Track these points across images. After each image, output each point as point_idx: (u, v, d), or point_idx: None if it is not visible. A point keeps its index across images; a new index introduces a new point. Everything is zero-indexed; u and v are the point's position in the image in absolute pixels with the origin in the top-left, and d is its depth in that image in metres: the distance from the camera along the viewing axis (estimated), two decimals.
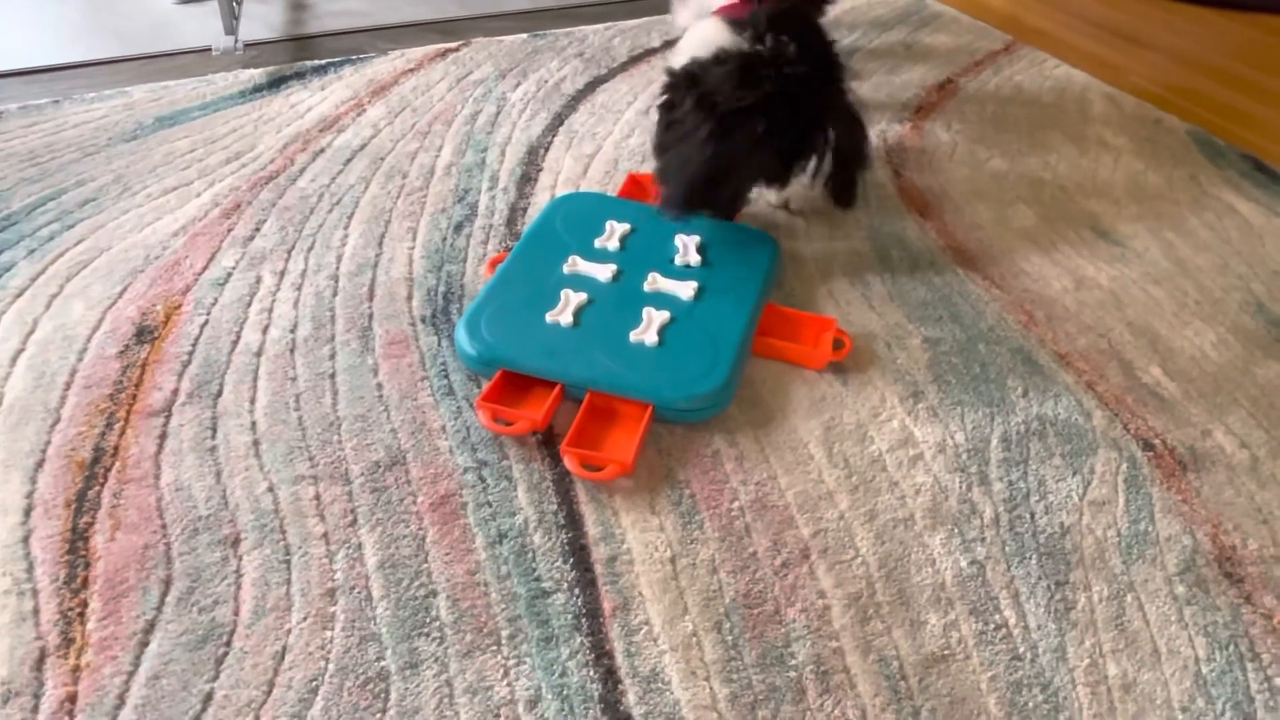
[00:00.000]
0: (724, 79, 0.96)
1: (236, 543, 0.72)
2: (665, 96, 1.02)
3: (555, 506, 0.77)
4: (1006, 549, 0.76)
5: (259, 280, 0.98)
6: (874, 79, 1.48)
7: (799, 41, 0.97)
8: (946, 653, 0.68)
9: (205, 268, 0.99)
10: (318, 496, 0.76)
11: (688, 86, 0.98)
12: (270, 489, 0.76)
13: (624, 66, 1.48)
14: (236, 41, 1.46)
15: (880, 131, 1.34)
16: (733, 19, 1.02)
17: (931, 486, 0.80)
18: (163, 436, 0.80)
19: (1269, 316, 1.03)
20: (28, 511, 0.73)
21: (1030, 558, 0.75)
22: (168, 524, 0.73)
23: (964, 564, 0.74)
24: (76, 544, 0.71)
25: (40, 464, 0.77)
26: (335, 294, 0.97)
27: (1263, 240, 1.15)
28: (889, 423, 0.86)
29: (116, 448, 0.79)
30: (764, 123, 0.94)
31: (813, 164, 1.02)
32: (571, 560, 0.73)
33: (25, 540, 0.71)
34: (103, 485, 0.75)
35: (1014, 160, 1.29)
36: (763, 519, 0.77)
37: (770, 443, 0.83)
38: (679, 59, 1.04)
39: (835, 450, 0.83)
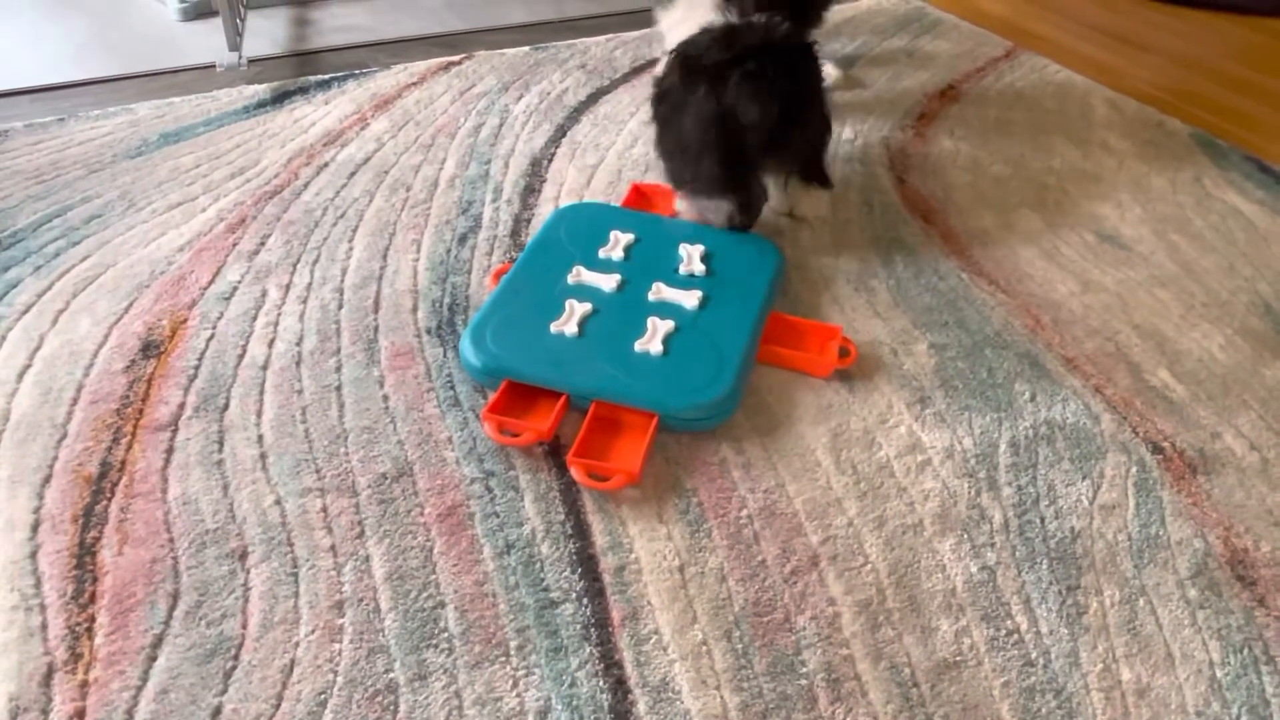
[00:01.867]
0: (708, 44, 0.99)
1: (244, 556, 0.72)
2: (653, 91, 1.05)
3: (562, 516, 0.76)
4: (1017, 554, 0.75)
5: (264, 294, 0.98)
6: (876, 86, 1.48)
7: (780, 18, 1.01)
8: (958, 659, 0.68)
9: (211, 282, 0.99)
10: (325, 509, 0.76)
11: (677, 67, 1.01)
12: (278, 502, 0.76)
13: (626, 78, 1.48)
14: (240, 58, 1.46)
15: (883, 139, 1.34)
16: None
17: (940, 492, 0.80)
18: (169, 451, 0.80)
19: (1276, 317, 1.02)
20: (35, 527, 0.73)
21: (1041, 563, 0.75)
22: (175, 538, 0.73)
23: (974, 570, 0.74)
24: (84, 559, 0.71)
25: (48, 479, 0.77)
26: (340, 307, 0.97)
27: (1268, 242, 1.15)
28: (896, 429, 0.86)
29: (124, 462, 0.79)
30: (749, 70, 0.96)
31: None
32: (580, 570, 0.72)
33: (33, 556, 0.71)
34: (110, 500, 0.75)
35: (1017, 165, 1.29)
36: (771, 527, 0.76)
37: (777, 450, 0.83)
38: (664, 53, 1.07)
39: (843, 457, 0.83)
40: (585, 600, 0.70)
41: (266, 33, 1.60)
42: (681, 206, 1.07)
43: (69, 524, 0.73)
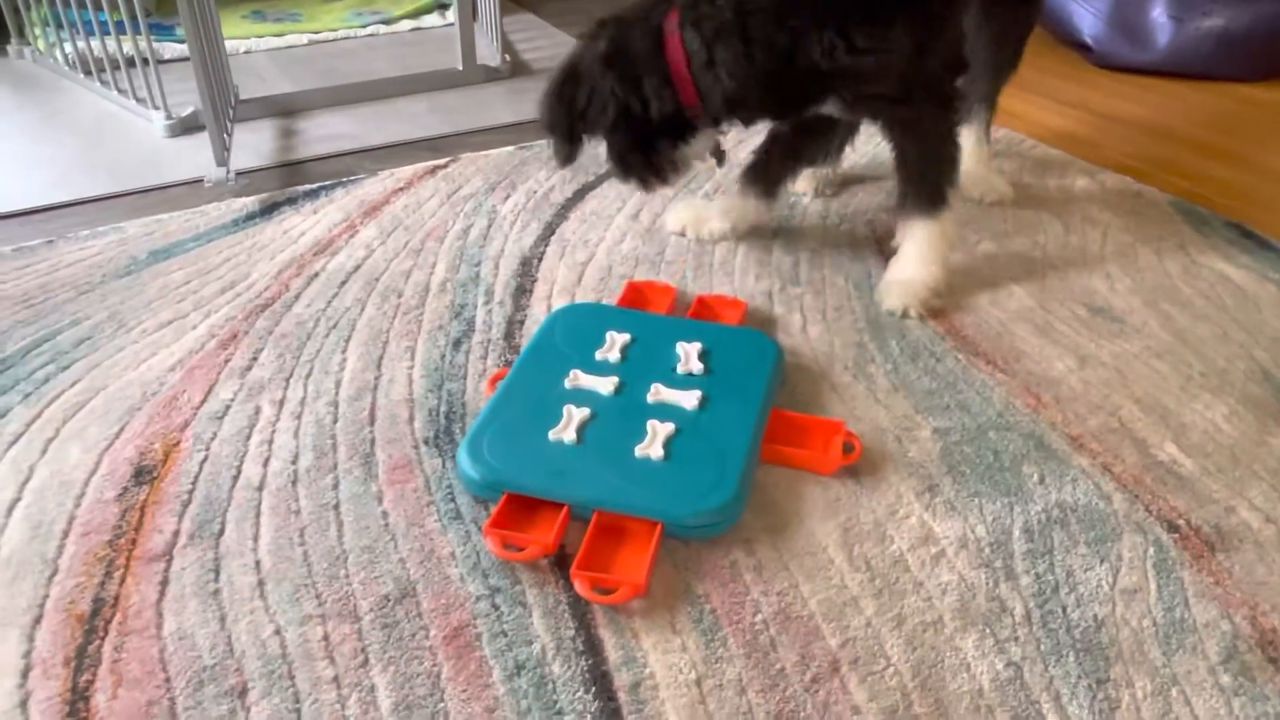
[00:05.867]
0: None
1: (244, 693, 0.69)
2: None
3: (573, 632, 0.74)
4: (1042, 647, 0.73)
5: (258, 411, 0.97)
6: (857, 166, 1.50)
7: None
8: None
9: (203, 401, 0.98)
10: (326, 637, 0.73)
11: None
12: (277, 631, 0.74)
13: (611, 173, 1.49)
14: (228, 171, 1.48)
15: (868, 221, 1.35)
16: None
17: (958, 585, 0.78)
18: (164, 583, 0.78)
19: (1276, 384, 1.02)
20: (25, 673, 0.70)
21: (1067, 655, 0.72)
22: (171, 677, 0.70)
23: (1000, 666, 0.72)
24: (77, 705, 0.68)
25: (38, 620, 0.74)
26: (336, 420, 0.96)
27: (1259, 306, 1.15)
28: (907, 520, 0.84)
29: (117, 597, 0.76)
30: None
31: None
32: (593, 689, 0.70)
33: (23, 705, 0.68)
34: (103, 639, 0.73)
35: (1002, 241, 1.30)
36: (788, 631, 0.74)
37: (788, 549, 0.81)
38: None
39: (855, 553, 0.81)
40: None
41: (253, 145, 1.62)
42: None
43: (61, 668, 0.71)
